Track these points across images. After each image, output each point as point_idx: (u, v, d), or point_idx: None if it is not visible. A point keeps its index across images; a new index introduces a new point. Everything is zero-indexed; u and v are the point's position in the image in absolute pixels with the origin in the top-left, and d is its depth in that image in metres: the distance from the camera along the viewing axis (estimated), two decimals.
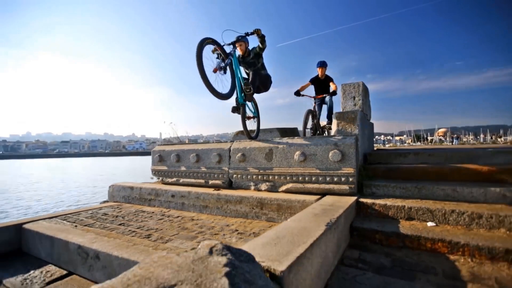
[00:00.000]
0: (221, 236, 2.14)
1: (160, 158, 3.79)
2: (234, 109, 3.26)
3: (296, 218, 1.65)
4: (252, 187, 2.96)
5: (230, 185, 3.15)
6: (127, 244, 2.01)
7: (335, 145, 2.55)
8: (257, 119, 3.70)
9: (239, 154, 3.06)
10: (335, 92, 4.30)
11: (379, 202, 2.17)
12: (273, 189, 2.82)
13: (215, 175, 3.24)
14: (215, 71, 2.85)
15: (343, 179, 2.46)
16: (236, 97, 3.22)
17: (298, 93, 4.58)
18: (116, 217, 2.88)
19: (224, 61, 2.98)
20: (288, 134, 4.51)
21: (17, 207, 11.04)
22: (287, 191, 2.72)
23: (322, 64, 4.57)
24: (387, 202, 2.15)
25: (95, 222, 2.68)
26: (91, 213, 3.06)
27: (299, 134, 4.66)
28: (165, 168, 3.73)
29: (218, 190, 3.01)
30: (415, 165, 2.63)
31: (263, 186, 2.88)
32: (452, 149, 3.79)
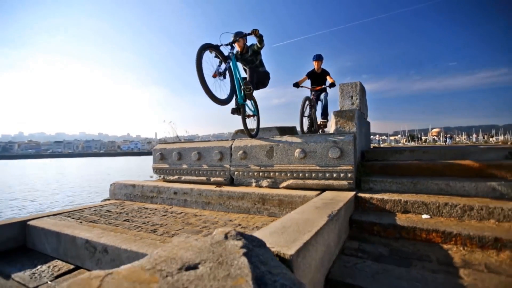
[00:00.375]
0: None
1: (161, 156, 3.84)
2: (234, 111, 3.30)
3: (299, 210, 1.74)
4: (254, 184, 3.04)
5: (231, 182, 3.23)
6: (134, 238, 2.07)
7: (334, 142, 2.64)
8: (257, 117, 3.77)
9: (240, 152, 3.13)
10: (333, 84, 4.27)
11: (377, 196, 2.27)
12: (274, 186, 2.91)
13: (217, 173, 3.32)
14: (214, 76, 2.90)
15: (342, 175, 2.56)
16: (236, 98, 3.26)
17: (297, 85, 4.58)
18: (120, 213, 2.93)
19: (224, 63, 3.02)
20: (287, 132, 4.59)
21: (11, 207, 10.93)
22: (287, 187, 2.80)
23: (318, 58, 4.53)
24: (384, 196, 2.25)
25: (99, 219, 2.73)
26: (95, 210, 3.10)
27: (297, 133, 4.74)
28: (166, 166, 3.78)
29: (220, 187, 3.08)
30: (411, 162, 2.74)
31: (264, 183, 2.96)
32: (445, 146, 3.93)
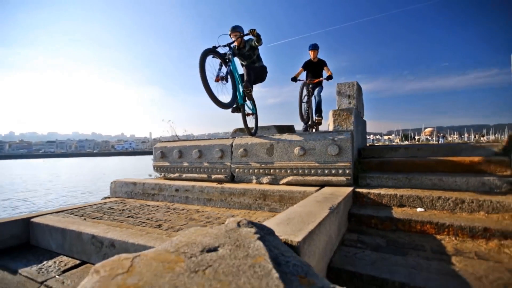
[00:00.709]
0: None
1: (162, 155, 3.88)
2: (235, 109, 3.37)
3: (301, 204, 1.82)
4: (254, 181, 3.11)
5: (232, 179, 3.30)
6: (141, 233, 2.13)
7: (333, 140, 2.74)
8: (255, 116, 3.85)
9: (241, 150, 3.21)
10: (331, 77, 4.23)
11: (374, 191, 2.37)
12: (274, 182, 2.99)
13: (218, 170, 3.38)
14: (217, 80, 2.96)
15: (340, 171, 2.65)
16: (236, 98, 3.31)
17: (294, 79, 4.55)
18: (123, 210, 2.97)
19: (225, 67, 3.08)
20: (285, 131, 4.68)
21: (4, 207, 10.81)
22: (287, 184, 2.89)
23: (314, 47, 4.44)
24: (381, 191, 2.35)
25: (103, 216, 2.77)
26: (97, 208, 3.13)
27: (296, 131, 4.83)
28: (167, 164, 3.83)
29: (221, 184, 3.15)
30: (406, 159, 2.85)
31: (265, 179, 3.04)
32: (438, 144, 4.06)
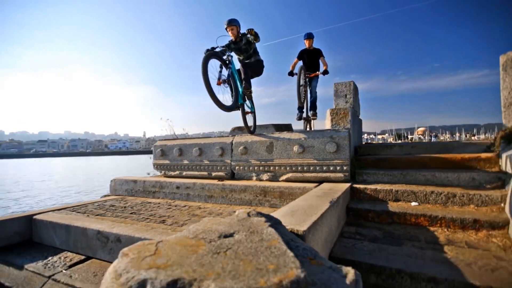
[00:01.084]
0: None
1: (162, 153, 3.93)
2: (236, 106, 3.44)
3: (303, 198, 1.90)
4: (254, 178, 3.19)
5: (232, 176, 3.37)
6: (146, 228, 2.18)
7: (331, 138, 2.83)
8: (253, 114, 3.92)
9: (241, 147, 3.28)
10: (327, 71, 4.22)
11: (370, 187, 2.47)
12: (274, 179, 3.07)
13: (218, 167, 3.44)
14: (219, 84, 3.01)
15: (338, 168, 2.75)
16: (237, 104, 3.39)
17: (291, 73, 4.53)
18: (125, 207, 3.01)
19: (226, 69, 3.13)
20: (283, 129, 4.76)
21: None
22: (287, 180, 2.97)
23: (309, 35, 4.40)
24: (377, 187, 2.45)
25: (105, 212, 2.81)
26: (98, 205, 3.17)
27: (293, 130, 4.92)
28: (167, 162, 3.87)
29: (221, 181, 3.21)
30: (400, 156, 2.97)
31: (265, 176, 3.12)
32: (431, 142, 4.20)
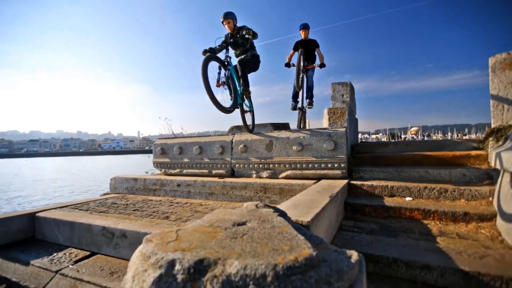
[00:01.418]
0: None
1: (162, 151, 3.97)
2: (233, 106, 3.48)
3: (304, 193, 1.99)
4: (254, 175, 3.26)
5: (232, 174, 3.44)
6: (151, 223, 2.24)
7: (329, 136, 2.92)
8: (252, 113, 3.96)
9: (241, 146, 3.35)
10: (323, 64, 4.23)
11: (367, 183, 2.57)
12: (273, 176, 3.15)
13: (218, 165, 3.51)
14: (218, 85, 3.06)
15: (336, 165, 2.84)
16: (236, 105, 3.44)
17: (288, 65, 4.54)
18: (127, 205, 3.06)
19: (225, 75, 3.17)
20: (281, 128, 4.84)
21: None
22: (286, 177, 3.06)
23: (305, 26, 4.37)
24: (373, 183, 2.55)
25: (108, 210, 2.85)
26: (100, 203, 3.20)
27: (290, 129, 5.00)
28: (167, 160, 3.92)
29: (222, 178, 3.28)
30: (395, 154, 3.09)
31: (264, 174, 3.20)
32: (425, 141, 4.34)
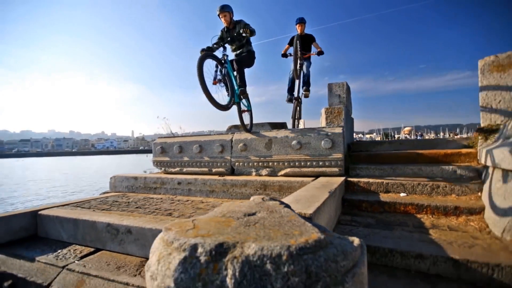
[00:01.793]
0: None
1: (162, 150, 4.01)
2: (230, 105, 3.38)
3: (304, 189, 2.07)
4: (254, 173, 3.34)
5: (232, 172, 3.51)
6: (155, 219, 2.30)
7: (326, 135, 3.02)
8: (250, 112, 3.94)
9: (240, 144, 3.42)
10: (321, 52, 4.23)
11: (363, 180, 2.67)
12: (272, 174, 3.23)
13: (218, 164, 3.58)
14: (214, 83, 3.07)
15: (333, 163, 2.94)
16: (233, 103, 3.42)
17: (284, 55, 4.54)
18: (128, 203, 3.10)
19: (221, 72, 3.17)
20: (278, 127, 4.93)
21: None
22: (285, 175, 3.14)
23: (301, 20, 4.37)
24: (369, 180, 2.66)
25: (110, 207, 2.89)
26: (101, 201, 3.23)
27: (288, 128, 5.09)
28: (167, 159, 3.97)
29: (222, 176, 3.35)
30: (390, 152, 3.20)
31: (264, 172, 3.28)
32: (418, 139, 4.48)
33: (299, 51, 4.01)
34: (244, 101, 3.83)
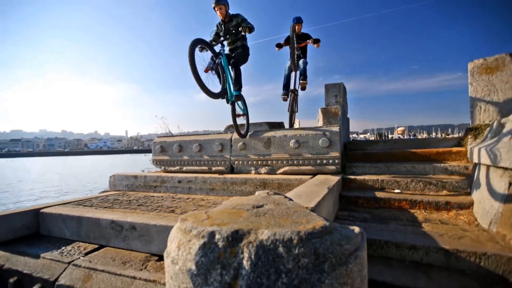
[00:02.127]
0: None
1: (161, 149, 4.06)
2: (219, 96, 3.15)
3: (303, 186, 2.16)
4: (253, 171, 3.42)
5: (232, 170, 3.58)
6: (158, 216, 2.35)
7: (324, 134, 3.12)
8: (246, 116, 3.69)
9: (240, 143, 3.50)
10: (318, 39, 4.18)
11: (359, 177, 2.78)
12: (271, 172, 3.32)
13: (218, 162, 3.64)
14: (206, 71, 2.93)
15: (330, 161, 3.04)
16: (226, 94, 3.21)
17: (279, 45, 4.44)
18: (130, 201, 3.14)
19: (214, 61, 3.02)
20: (276, 127, 5.01)
21: None
22: (284, 173, 3.23)
23: (299, 20, 4.28)
24: (365, 177, 2.77)
25: (112, 205, 2.93)
26: (102, 199, 3.27)
27: (285, 127, 5.17)
28: (167, 158, 4.02)
29: (222, 174, 3.42)
30: (385, 150, 3.32)
31: (263, 170, 3.36)
32: (411, 139, 4.63)
33: (295, 42, 3.93)
34: (239, 103, 3.57)
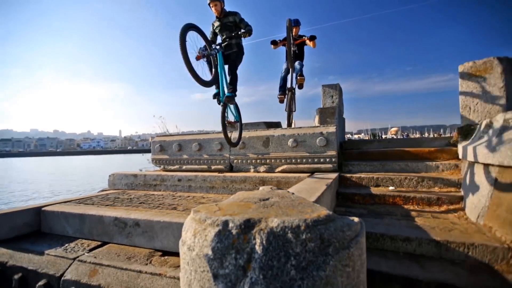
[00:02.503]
0: None
1: (161, 148, 4.10)
2: (216, 96, 3.02)
3: (303, 183, 2.25)
4: (252, 170, 3.50)
5: (231, 169, 3.65)
6: (161, 213, 2.41)
7: (321, 133, 3.21)
8: (239, 124, 3.32)
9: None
10: (314, 36, 4.16)
11: (355, 175, 2.88)
12: (270, 171, 3.40)
13: (217, 161, 3.71)
14: (198, 58, 2.79)
15: (327, 159, 3.14)
16: (218, 94, 3.00)
17: (274, 42, 4.39)
18: (131, 199, 3.18)
19: (207, 49, 2.88)
20: (273, 126, 5.09)
21: None
22: (282, 171, 3.31)
23: (296, 23, 4.23)
24: (361, 175, 2.87)
25: (113, 203, 2.97)
26: (103, 198, 3.30)
27: (283, 127, 5.25)
28: (166, 157, 4.06)
29: (222, 173, 3.48)
30: (379, 149, 3.44)
31: (262, 168, 3.44)
32: (405, 138, 4.77)
33: (292, 39, 3.85)
34: (232, 107, 3.19)
